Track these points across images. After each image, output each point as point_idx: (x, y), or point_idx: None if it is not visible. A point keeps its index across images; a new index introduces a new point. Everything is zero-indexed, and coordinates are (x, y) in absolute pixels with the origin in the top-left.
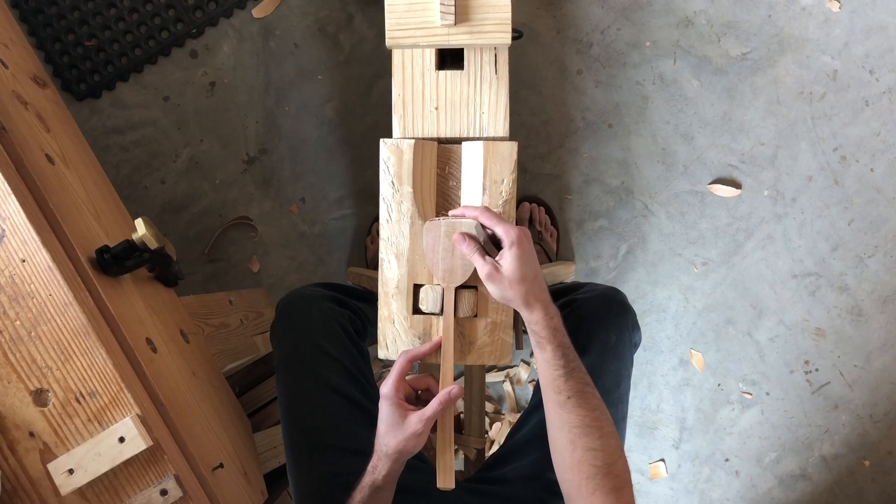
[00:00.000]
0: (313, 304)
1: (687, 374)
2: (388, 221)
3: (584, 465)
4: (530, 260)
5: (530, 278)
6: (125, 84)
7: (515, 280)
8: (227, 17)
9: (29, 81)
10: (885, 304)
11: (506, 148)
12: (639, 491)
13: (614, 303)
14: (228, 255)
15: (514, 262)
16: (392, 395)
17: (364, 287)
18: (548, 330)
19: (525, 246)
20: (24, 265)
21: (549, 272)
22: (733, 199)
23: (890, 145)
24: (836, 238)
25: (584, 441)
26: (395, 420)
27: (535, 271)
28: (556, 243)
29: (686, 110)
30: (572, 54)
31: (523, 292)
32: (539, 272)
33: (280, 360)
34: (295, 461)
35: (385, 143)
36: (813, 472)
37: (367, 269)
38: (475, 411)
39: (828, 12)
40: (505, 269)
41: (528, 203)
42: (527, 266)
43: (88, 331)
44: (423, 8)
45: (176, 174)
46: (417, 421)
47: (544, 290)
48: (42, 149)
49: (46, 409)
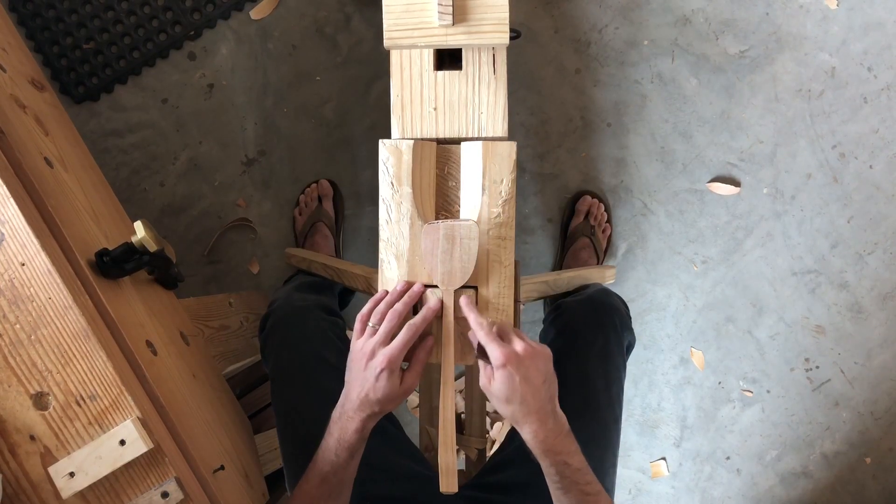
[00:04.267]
0: (307, 315)
1: (687, 372)
2: (388, 222)
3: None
4: (516, 384)
5: (516, 401)
6: (123, 87)
7: (501, 400)
8: (224, 19)
9: (27, 85)
10: (884, 300)
11: (505, 148)
12: (640, 490)
13: (601, 306)
14: (228, 256)
15: (498, 383)
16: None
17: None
18: (539, 450)
19: (511, 370)
20: (23, 269)
21: (578, 275)
22: (732, 197)
23: (889, 142)
24: (836, 235)
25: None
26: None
27: (521, 395)
28: (607, 241)
29: (685, 109)
30: (570, 54)
31: (509, 413)
32: (535, 393)
33: (277, 371)
34: (295, 474)
35: (384, 143)
36: (814, 470)
37: (303, 250)
38: (476, 411)
39: (825, 9)
40: (493, 386)
41: (588, 196)
42: (510, 390)
43: (88, 334)
44: (420, 8)
45: (175, 176)
46: (414, 378)
47: (537, 410)
48: (41, 152)
49: (47, 412)
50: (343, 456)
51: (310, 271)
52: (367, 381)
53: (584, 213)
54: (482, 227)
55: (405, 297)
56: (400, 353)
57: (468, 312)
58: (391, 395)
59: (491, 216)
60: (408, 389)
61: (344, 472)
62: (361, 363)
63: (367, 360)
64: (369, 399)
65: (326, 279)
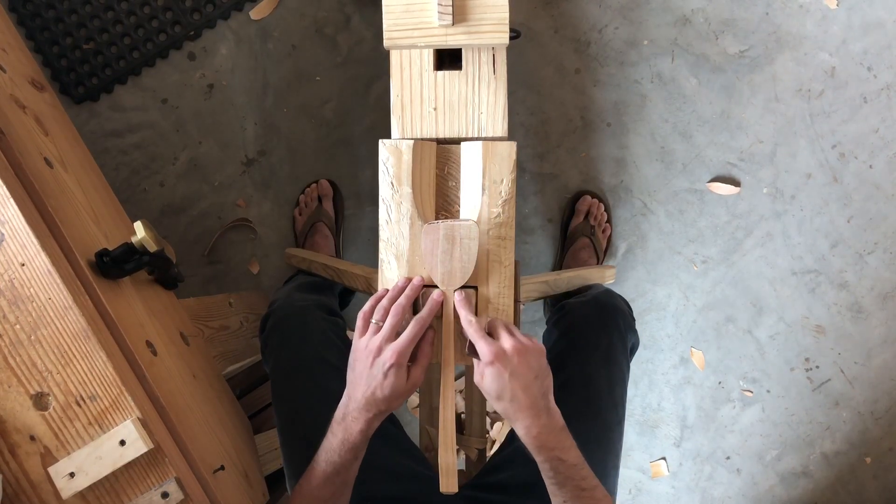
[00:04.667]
0: (307, 315)
1: (687, 372)
2: (388, 222)
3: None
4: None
5: (506, 397)
6: (123, 87)
7: (492, 396)
8: (224, 19)
9: (27, 85)
10: (884, 300)
11: (504, 148)
12: (640, 490)
13: (605, 307)
14: (228, 257)
15: (488, 379)
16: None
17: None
18: (532, 445)
19: (500, 366)
20: (23, 269)
21: (578, 275)
22: (732, 196)
23: (888, 142)
24: (836, 235)
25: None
26: (402, 386)
27: (511, 391)
28: (607, 241)
29: (684, 108)
30: (570, 53)
31: (501, 409)
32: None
33: (277, 372)
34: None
35: (384, 143)
36: (814, 470)
37: (303, 250)
38: (476, 411)
39: (825, 9)
40: (483, 383)
41: (588, 196)
42: (500, 387)
43: (88, 334)
44: (420, 8)
45: (175, 176)
46: (421, 373)
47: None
48: (40, 152)
49: (47, 412)
50: (347, 457)
51: (310, 271)
52: (373, 379)
53: (584, 213)
54: (482, 227)
55: (407, 290)
56: (408, 348)
57: (460, 309)
58: (398, 392)
59: (491, 216)
60: (414, 385)
61: (347, 472)
62: (367, 361)
63: (373, 357)
64: (376, 397)
65: (327, 279)
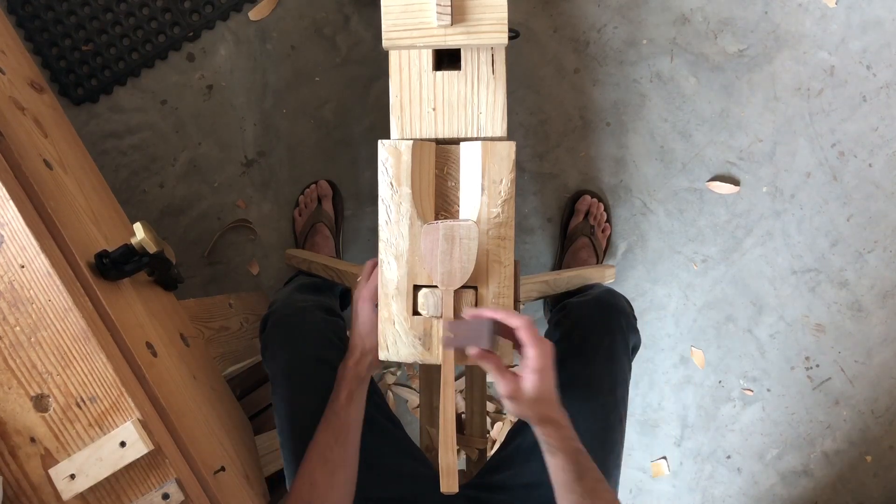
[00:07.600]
0: (307, 315)
1: (688, 371)
2: (388, 223)
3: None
4: (550, 377)
5: (547, 396)
6: (122, 88)
7: (534, 400)
8: (223, 20)
9: (26, 87)
10: (884, 299)
11: (504, 148)
12: (641, 489)
13: (608, 307)
14: (228, 258)
15: (538, 382)
16: (372, 298)
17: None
18: (561, 441)
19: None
20: (23, 271)
21: (578, 275)
22: (732, 195)
23: (888, 140)
24: (836, 234)
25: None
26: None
27: (551, 388)
28: (606, 241)
29: (684, 108)
30: (569, 53)
31: (540, 411)
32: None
33: (278, 372)
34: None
35: (383, 144)
36: (815, 469)
37: (303, 251)
38: (477, 411)
39: (824, 8)
40: (527, 389)
41: (588, 196)
42: (545, 385)
43: (88, 336)
44: (419, 9)
45: (174, 178)
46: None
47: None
48: (40, 154)
49: (47, 414)
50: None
51: (310, 272)
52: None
53: (584, 213)
54: (482, 227)
55: None
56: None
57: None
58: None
59: (490, 216)
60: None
61: (346, 413)
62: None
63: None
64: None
65: (327, 280)
